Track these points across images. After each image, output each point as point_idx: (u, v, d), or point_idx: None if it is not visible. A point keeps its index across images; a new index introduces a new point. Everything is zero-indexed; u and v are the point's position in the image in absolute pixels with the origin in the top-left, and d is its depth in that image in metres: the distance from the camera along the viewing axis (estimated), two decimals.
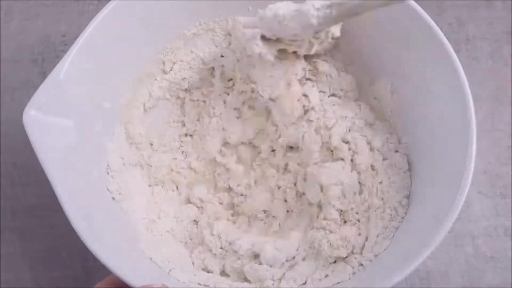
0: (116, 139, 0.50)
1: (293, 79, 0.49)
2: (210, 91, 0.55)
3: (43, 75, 0.59)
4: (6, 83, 0.60)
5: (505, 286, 0.53)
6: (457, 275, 0.53)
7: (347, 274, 0.45)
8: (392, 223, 0.46)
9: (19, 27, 0.62)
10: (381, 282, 0.40)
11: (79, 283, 0.53)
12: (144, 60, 0.52)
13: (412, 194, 0.47)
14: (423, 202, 0.45)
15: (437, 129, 0.46)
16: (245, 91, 0.53)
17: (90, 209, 0.44)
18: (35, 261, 0.54)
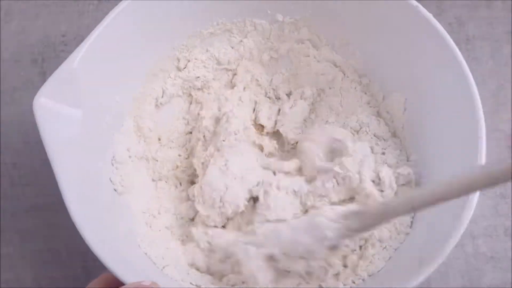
0: (124, 131, 0.50)
1: None
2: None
3: (43, 75, 0.59)
4: (6, 83, 0.60)
5: (505, 286, 0.53)
6: (457, 275, 0.53)
7: None
8: (391, 243, 0.45)
9: (19, 27, 0.62)
10: None
11: (79, 283, 0.53)
12: (159, 55, 0.52)
13: (417, 214, 0.46)
14: (426, 223, 0.45)
15: (446, 149, 0.45)
16: None
17: (90, 199, 0.44)
18: (35, 261, 0.54)
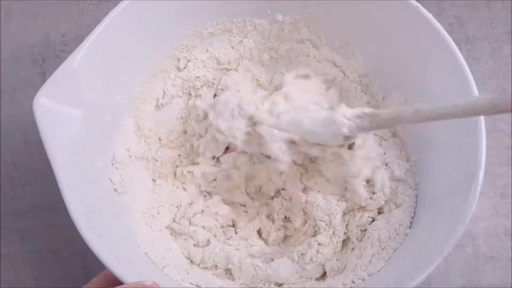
0: (124, 131, 0.51)
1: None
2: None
3: (43, 75, 0.59)
4: (6, 83, 0.60)
5: (505, 286, 0.53)
6: (457, 275, 0.53)
7: None
8: (390, 244, 0.46)
9: (19, 27, 0.62)
10: None
11: (79, 283, 0.53)
12: (159, 55, 0.52)
13: (416, 214, 0.47)
14: (426, 224, 0.45)
15: (446, 149, 0.46)
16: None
17: (90, 199, 0.44)
18: (35, 261, 0.54)
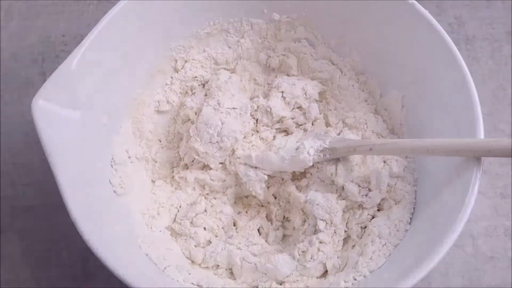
0: (122, 133, 0.51)
1: None
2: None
3: (43, 75, 0.59)
4: (6, 83, 0.60)
5: (505, 286, 0.53)
6: (457, 275, 0.53)
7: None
8: (390, 240, 0.46)
9: (19, 27, 0.62)
10: None
11: (79, 283, 0.53)
12: (156, 56, 0.52)
13: (416, 210, 0.47)
14: (425, 220, 0.45)
15: None
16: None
17: (90, 200, 0.44)
18: (35, 261, 0.54)
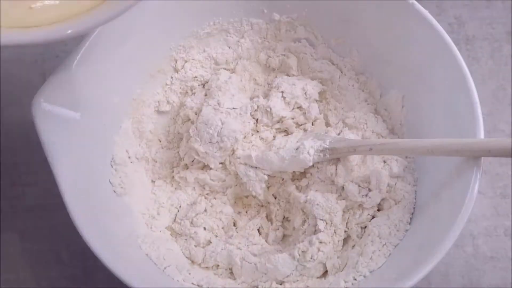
0: (122, 133, 0.51)
1: None
2: None
3: (43, 75, 0.59)
4: (6, 83, 0.60)
5: (505, 286, 0.53)
6: (457, 275, 0.53)
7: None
8: (391, 240, 0.45)
9: None
10: None
11: (79, 283, 0.53)
12: (156, 56, 0.52)
13: (416, 210, 0.47)
14: (426, 220, 0.45)
15: None
16: None
17: (90, 200, 0.44)
18: (35, 261, 0.54)
